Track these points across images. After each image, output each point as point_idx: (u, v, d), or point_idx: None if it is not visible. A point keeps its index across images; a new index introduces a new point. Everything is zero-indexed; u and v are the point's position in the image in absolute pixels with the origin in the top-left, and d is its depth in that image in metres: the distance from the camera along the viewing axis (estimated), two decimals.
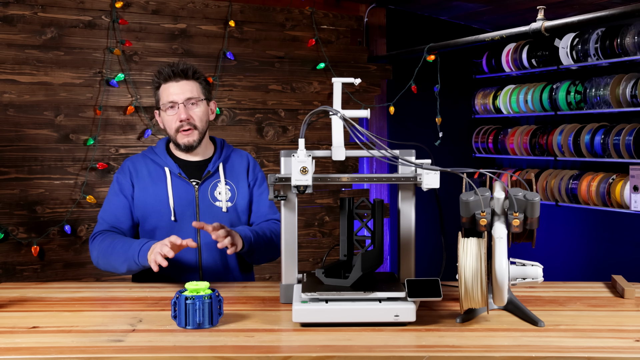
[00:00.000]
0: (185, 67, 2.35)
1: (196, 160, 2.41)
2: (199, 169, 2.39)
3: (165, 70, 2.34)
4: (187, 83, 2.34)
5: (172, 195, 2.33)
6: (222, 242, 2.08)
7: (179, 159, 2.41)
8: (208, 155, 2.43)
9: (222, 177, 2.39)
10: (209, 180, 2.38)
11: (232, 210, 2.38)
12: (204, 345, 1.56)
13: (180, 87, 2.33)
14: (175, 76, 2.33)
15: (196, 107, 2.35)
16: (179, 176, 2.35)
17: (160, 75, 2.35)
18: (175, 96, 2.32)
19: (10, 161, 3.47)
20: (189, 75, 2.35)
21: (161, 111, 2.37)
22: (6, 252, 3.44)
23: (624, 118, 4.21)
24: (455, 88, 5.07)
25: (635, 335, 1.63)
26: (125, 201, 2.35)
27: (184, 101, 2.32)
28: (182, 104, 2.32)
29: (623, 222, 4.28)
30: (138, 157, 2.43)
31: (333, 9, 4.36)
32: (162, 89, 2.36)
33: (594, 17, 3.19)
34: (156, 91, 2.38)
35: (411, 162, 1.83)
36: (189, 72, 2.35)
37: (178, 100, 2.32)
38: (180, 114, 2.31)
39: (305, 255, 4.21)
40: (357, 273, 1.75)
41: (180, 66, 2.34)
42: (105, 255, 2.24)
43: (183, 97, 2.32)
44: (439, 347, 1.54)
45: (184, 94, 2.32)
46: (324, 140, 4.22)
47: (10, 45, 3.45)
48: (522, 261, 1.79)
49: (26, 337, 1.63)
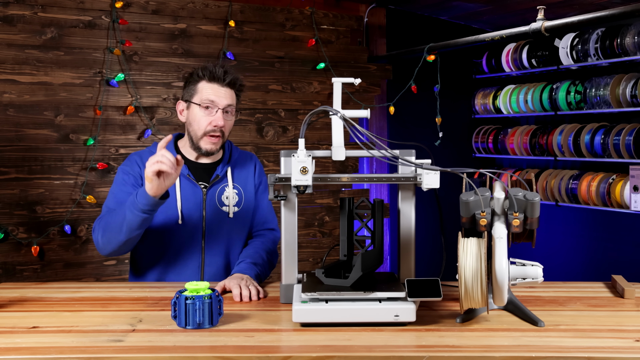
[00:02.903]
0: (235, 78, 2.32)
1: (205, 162, 2.38)
2: (208, 172, 2.36)
3: (217, 71, 2.29)
4: (230, 92, 2.31)
5: (180, 197, 2.30)
6: (253, 297, 2.01)
7: (187, 159, 2.36)
8: (217, 158, 2.40)
9: (230, 181, 2.37)
10: (217, 184, 2.35)
11: (237, 216, 2.36)
12: (204, 345, 1.56)
13: (225, 93, 2.29)
14: (224, 82, 2.29)
15: (230, 117, 2.33)
16: (188, 177, 2.32)
17: (207, 72, 2.29)
18: (219, 99, 2.28)
19: (10, 161, 3.47)
20: (236, 86, 2.33)
21: (192, 105, 2.30)
22: (6, 252, 3.44)
23: (624, 118, 4.21)
24: (455, 88, 5.07)
25: (635, 335, 1.63)
26: (133, 188, 2.27)
27: (224, 107, 2.29)
28: (221, 109, 2.28)
29: (623, 222, 4.28)
30: (145, 153, 2.36)
31: (333, 9, 4.36)
32: (203, 85, 2.29)
33: (594, 17, 3.19)
34: (193, 85, 2.31)
35: (411, 162, 1.83)
36: (236, 83, 2.33)
37: (220, 104, 2.28)
38: (217, 119, 2.27)
39: (305, 255, 4.21)
40: (357, 273, 1.75)
41: (230, 74, 2.31)
42: (106, 230, 2.16)
43: (225, 102, 2.29)
44: (439, 347, 1.54)
45: (226, 99, 2.29)
46: (324, 140, 4.22)
47: (10, 45, 3.45)
48: (522, 261, 1.79)
49: (26, 337, 1.63)
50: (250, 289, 2.02)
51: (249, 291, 2.01)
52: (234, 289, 2.02)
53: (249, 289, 2.02)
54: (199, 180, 2.34)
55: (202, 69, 2.31)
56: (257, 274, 2.20)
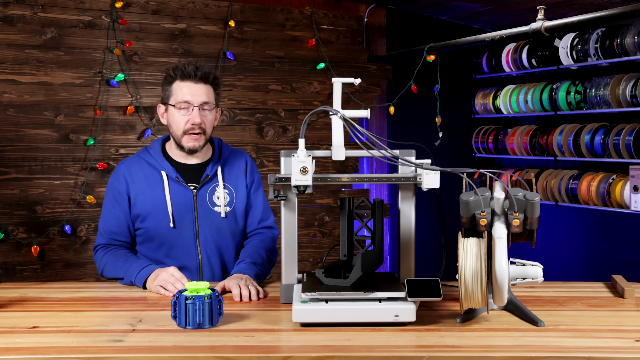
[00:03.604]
0: (207, 71, 2.29)
1: (194, 163, 2.35)
2: (197, 173, 2.34)
3: (188, 68, 2.26)
4: (205, 87, 2.28)
5: (170, 201, 2.28)
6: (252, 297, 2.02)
7: (175, 161, 2.35)
8: (206, 158, 2.38)
9: (221, 181, 2.34)
10: (207, 185, 2.33)
11: (230, 216, 2.34)
12: (204, 345, 1.56)
13: (199, 90, 2.27)
14: (196, 77, 2.26)
15: (209, 114, 2.29)
16: (177, 181, 2.30)
17: (179, 72, 2.27)
18: (192, 97, 2.26)
19: (10, 161, 3.47)
20: (209, 80, 2.29)
21: (169, 107, 2.30)
22: (6, 252, 3.44)
23: (624, 118, 4.21)
24: (455, 88, 5.07)
25: (635, 335, 1.63)
26: (122, 210, 2.30)
27: (200, 105, 2.27)
28: (197, 107, 2.26)
29: (623, 222, 4.28)
30: (132, 160, 2.36)
31: (333, 9, 4.36)
32: (177, 85, 2.28)
33: (594, 17, 3.19)
34: (168, 86, 2.30)
35: (411, 162, 1.83)
36: (210, 76, 2.29)
37: (194, 102, 2.26)
38: (194, 117, 2.25)
39: (305, 255, 4.21)
40: (357, 273, 1.75)
41: (203, 69, 2.28)
42: (107, 270, 2.26)
43: (200, 100, 2.26)
44: (439, 347, 1.54)
45: (201, 97, 2.26)
46: (324, 140, 4.22)
47: (10, 45, 3.45)
48: (522, 261, 1.79)
49: (26, 337, 1.63)
50: (250, 289, 2.02)
51: (249, 291, 2.01)
52: (234, 289, 2.02)
53: (249, 289, 2.02)
54: (189, 181, 2.32)
55: (174, 69, 2.30)
56: (256, 273, 2.19)
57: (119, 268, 2.21)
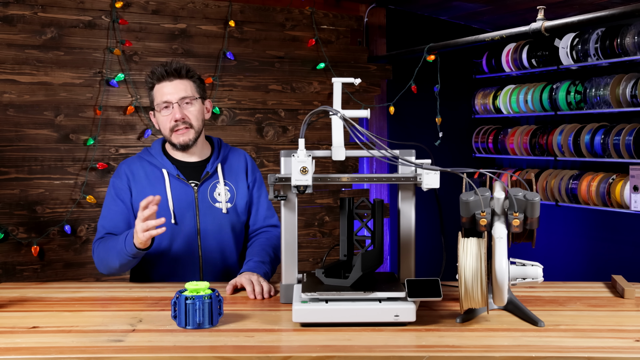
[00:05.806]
0: (179, 66, 2.31)
1: (194, 161, 2.38)
2: (197, 170, 2.37)
3: (158, 70, 2.30)
4: (181, 82, 2.30)
5: (171, 198, 2.30)
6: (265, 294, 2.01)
7: (176, 160, 2.37)
8: (205, 156, 2.40)
9: (221, 177, 2.37)
10: (208, 182, 2.36)
11: (231, 211, 2.36)
12: (204, 345, 1.56)
13: (174, 87, 2.29)
14: (169, 76, 2.29)
15: (191, 106, 2.31)
16: (177, 178, 2.33)
17: (154, 76, 2.31)
18: (169, 96, 2.29)
19: (10, 161, 3.47)
20: (183, 74, 2.31)
21: (156, 112, 2.34)
22: (6, 252, 3.44)
23: (624, 118, 4.21)
24: (455, 88, 5.07)
25: (635, 335, 1.63)
26: (123, 207, 2.32)
27: (179, 100, 2.29)
28: (176, 103, 2.28)
29: (623, 222, 4.28)
30: (134, 160, 2.39)
31: (333, 9, 4.36)
32: (155, 89, 2.32)
33: (594, 17, 3.19)
34: (150, 92, 2.34)
35: (411, 162, 1.83)
36: (182, 71, 2.31)
37: (172, 100, 2.28)
38: (174, 114, 2.28)
39: (305, 255, 4.21)
40: (357, 273, 1.75)
41: (173, 65, 2.30)
42: (102, 258, 2.24)
43: (177, 96, 2.29)
44: (439, 347, 1.54)
45: (178, 93, 2.29)
46: (324, 140, 4.22)
47: (10, 45, 3.45)
48: (522, 261, 1.79)
49: (26, 337, 1.63)
50: (263, 285, 2.03)
51: (262, 287, 2.02)
52: (247, 286, 2.03)
53: (262, 285, 2.03)
54: (190, 179, 2.35)
55: (150, 74, 2.33)
56: (265, 272, 2.20)
57: (111, 248, 2.20)
